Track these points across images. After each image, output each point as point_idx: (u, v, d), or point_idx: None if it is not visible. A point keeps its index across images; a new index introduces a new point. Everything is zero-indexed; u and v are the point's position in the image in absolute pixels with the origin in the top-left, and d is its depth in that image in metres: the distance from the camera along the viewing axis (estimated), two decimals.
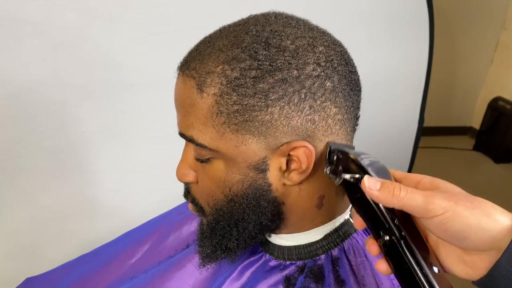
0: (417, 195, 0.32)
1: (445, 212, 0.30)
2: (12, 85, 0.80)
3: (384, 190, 0.33)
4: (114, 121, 0.93)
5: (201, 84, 0.38)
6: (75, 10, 0.81)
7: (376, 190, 0.33)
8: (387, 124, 1.40)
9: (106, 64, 0.88)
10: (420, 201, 0.31)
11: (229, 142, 0.38)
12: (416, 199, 0.31)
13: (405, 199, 0.32)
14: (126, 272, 0.63)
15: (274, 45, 0.37)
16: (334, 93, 0.38)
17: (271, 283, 0.46)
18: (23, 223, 0.92)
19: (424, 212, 0.31)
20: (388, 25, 1.24)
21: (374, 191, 0.33)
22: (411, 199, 0.32)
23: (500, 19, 2.64)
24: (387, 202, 0.33)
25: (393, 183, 0.33)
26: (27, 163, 0.87)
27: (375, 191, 0.33)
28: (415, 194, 0.32)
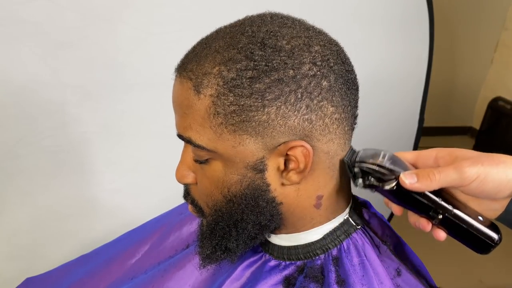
0: (450, 171, 0.36)
1: (478, 176, 0.35)
2: (12, 85, 0.80)
3: (422, 179, 0.37)
4: (114, 121, 0.93)
5: (198, 85, 0.38)
6: (75, 10, 0.80)
7: (415, 182, 0.37)
8: (387, 124, 1.40)
9: (106, 64, 0.88)
10: (455, 175, 0.36)
11: (227, 142, 0.39)
12: (451, 174, 0.36)
13: (441, 179, 0.36)
14: (126, 272, 0.63)
15: (270, 45, 0.37)
16: (330, 92, 0.38)
17: (271, 283, 0.46)
18: (23, 223, 0.92)
19: (461, 182, 0.36)
20: (388, 25, 1.24)
21: (415, 184, 0.37)
22: (446, 176, 0.36)
23: (500, 19, 2.64)
24: (429, 188, 0.37)
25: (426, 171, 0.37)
26: (27, 163, 0.87)
27: (416, 184, 0.37)
28: (447, 171, 0.36)
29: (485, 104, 2.71)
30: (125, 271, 0.64)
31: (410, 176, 0.38)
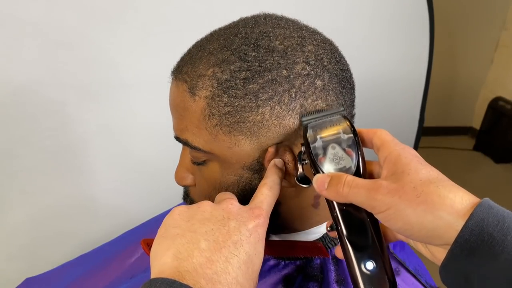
0: (361, 191, 0.30)
1: (388, 209, 0.29)
2: (12, 85, 0.80)
3: (331, 187, 0.32)
4: (114, 121, 0.93)
5: (193, 87, 0.38)
6: (75, 10, 0.81)
7: (324, 189, 0.32)
8: (387, 124, 1.40)
9: (106, 64, 0.88)
10: (364, 197, 0.30)
11: (222, 143, 0.39)
12: (360, 195, 0.30)
13: (349, 196, 0.31)
14: (125, 271, 0.63)
15: (263, 46, 0.37)
16: (324, 91, 0.38)
17: (271, 283, 0.46)
18: (23, 223, 0.92)
19: (369, 208, 0.30)
20: (388, 25, 1.24)
21: (323, 190, 0.32)
22: (354, 195, 0.31)
23: (500, 19, 2.64)
24: (335, 199, 0.32)
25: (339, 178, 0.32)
26: (27, 163, 0.87)
27: (324, 191, 0.32)
28: (358, 189, 0.31)
29: (485, 104, 2.71)
30: (124, 270, 0.64)
31: (323, 180, 0.33)
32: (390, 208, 0.29)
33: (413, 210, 0.28)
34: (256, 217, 0.34)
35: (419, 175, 0.30)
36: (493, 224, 0.26)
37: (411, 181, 0.29)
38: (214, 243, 0.31)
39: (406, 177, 0.30)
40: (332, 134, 0.35)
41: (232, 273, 0.31)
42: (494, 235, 0.26)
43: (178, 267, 0.30)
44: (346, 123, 0.36)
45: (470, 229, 0.26)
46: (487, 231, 0.26)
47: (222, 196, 0.37)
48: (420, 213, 0.28)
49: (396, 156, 0.32)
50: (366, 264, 0.31)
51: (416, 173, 0.30)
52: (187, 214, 0.34)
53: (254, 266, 0.33)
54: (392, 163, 0.32)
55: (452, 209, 0.27)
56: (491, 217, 0.26)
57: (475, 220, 0.26)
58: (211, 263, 0.30)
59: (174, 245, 0.31)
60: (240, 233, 0.32)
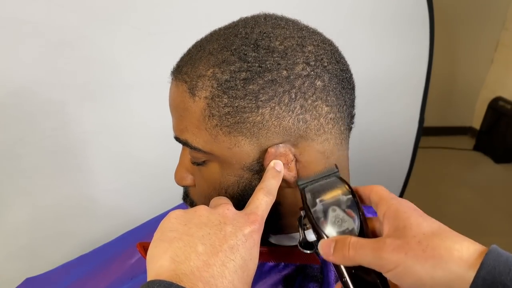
0: (367, 251, 0.30)
1: (396, 267, 0.29)
2: (12, 85, 0.80)
3: (337, 252, 0.32)
4: (114, 121, 0.93)
5: (192, 88, 0.38)
6: (75, 10, 0.81)
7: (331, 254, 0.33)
8: (387, 124, 1.40)
9: (106, 64, 0.88)
10: (371, 257, 0.30)
11: (222, 144, 0.39)
12: (366, 255, 0.30)
13: (356, 258, 0.31)
14: (126, 272, 0.63)
15: (263, 46, 0.37)
16: (325, 92, 0.38)
17: (270, 283, 0.46)
18: (23, 223, 0.92)
19: (378, 268, 0.30)
20: (388, 25, 1.24)
21: (330, 256, 0.33)
22: (361, 256, 0.31)
23: (500, 19, 2.64)
24: (343, 263, 0.32)
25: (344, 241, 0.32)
26: (27, 163, 0.87)
27: (330, 256, 0.33)
28: (364, 250, 0.31)
29: (485, 104, 2.71)
30: (125, 271, 0.64)
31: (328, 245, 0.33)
32: (398, 266, 0.29)
33: (421, 266, 0.28)
34: (252, 223, 0.34)
35: (422, 229, 0.30)
36: (505, 272, 0.26)
37: (414, 236, 0.29)
38: (211, 247, 0.32)
39: (408, 232, 0.30)
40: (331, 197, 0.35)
41: (229, 277, 0.31)
42: (506, 283, 0.26)
43: (176, 270, 0.30)
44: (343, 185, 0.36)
45: (482, 278, 0.26)
46: (500, 280, 0.26)
47: (218, 201, 0.37)
48: (429, 269, 0.28)
49: (394, 211, 0.32)
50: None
51: (418, 226, 0.30)
52: (184, 218, 0.34)
53: (249, 271, 0.33)
54: (392, 219, 0.32)
55: (461, 261, 0.27)
56: (502, 265, 0.26)
57: (486, 270, 0.26)
58: (208, 266, 0.31)
59: (171, 248, 0.31)
60: (236, 238, 0.33)
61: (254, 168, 0.40)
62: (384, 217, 0.32)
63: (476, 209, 2.09)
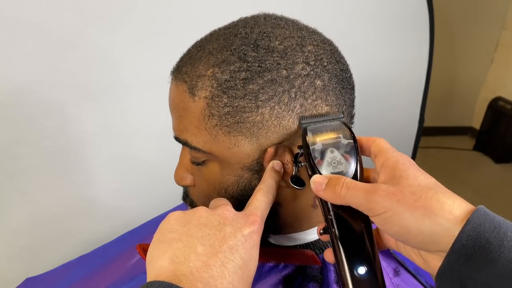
0: (359, 192, 0.30)
1: (385, 212, 0.29)
2: (12, 85, 0.80)
3: (328, 188, 0.32)
4: (114, 121, 0.93)
5: (192, 87, 0.38)
6: (75, 10, 0.81)
7: (321, 190, 0.32)
8: (387, 124, 1.40)
9: (106, 64, 0.88)
10: (362, 199, 0.30)
11: (222, 144, 0.39)
12: (358, 196, 0.30)
13: (347, 197, 0.31)
14: (126, 272, 0.63)
15: (263, 46, 0.37)
16: (324, 91, 0.38)
17: (270, 283, 0.46)
18: (23, 223, 0.92)
19: (366, 210, 0.30)
20: (388, 25, 1.24)
21: (320, 190, 0.32)
22: (352, 196, 0.30)
23: (500, 19, 2.64)
24: (331, 200, 0.32)
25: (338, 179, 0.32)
26: (27, 163, 0.87)
27: (320, 191, 0.32)
28: (356, 191, 0.30)
29: (485, 104, 2.71)
30: (125, 271, 0.64)
31: (321, 180, 0.32)
32: (387, 211, 0.29)
33: (411, 213, 0.28)
34: (251, 224, 0.34)
35: (417, 181, 0.30)
36: (490, 229, 0.26)
37: (409, 186, 0.29)
38: (210, 248, 0.32)
39: (404, 181, 0.30)
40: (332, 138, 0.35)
41: (228, 278, 0.31)
42: (491, 240, 0.26)
43: (175, 271, 0.30)
44: (346, 129, 0.36)
45: (467, 234, 0.26)
46: (484, 236, 0.26)
47: (217, 202, 0.37)
48: (418, 217, 0.28)
49: (394, 162, 0.32)
50: (358, 269, 0.30)
51: (415, 178, 0.30)
52: (183, 219, 0.34)
53: (249, 272, 0.33)
54: (390, 168, 0.32)
55: (450, 215, 0.27)
56: (488, 222, 0.26)
57: (471, 226, 0.26)
58: (208, 267, 0.31)
59: (170, 249, 0.31)
60: (235, 238, 0.33)
61: (254, 168, 0.40)
62: (382, 167, 0.32)
63: None
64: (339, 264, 0.31)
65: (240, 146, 0.38)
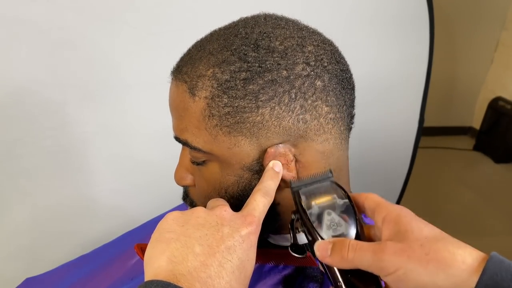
0: (366, 253, 0.29)
1: (397, 270, 0.28)
2: (12, 85, 0.80)
3: (334, 254, 0.31)
4: (114, 121, 0.93)
5: (192, 87, 0.38)
6: (75, 10, 0.81)
7: (327, 256, 0.31)
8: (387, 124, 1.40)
9: (106, 64, 0.88)
10: (370, 260, 0.29)
11: (222, 144, 0.39)
12: (366, 257, 0.29)
13: (355, 260, 0.30)
14: (126, 272, 0.63)
15: (263, 46, 0.37)
16: (325, 92, 0.38)
17: (270, 284, 0.46)
18: (23, 223, 0.92)
19: (377, 271, 0.29)
20: (388, 25, 1.24)
21: (326, 258, 0.31)
22: (360, 258, 0.30)
23: (500, 19, 2.64)
24: (340, 266, 0.31)
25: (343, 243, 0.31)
26: (27, 163, 0.87)
27: (327, 258, 0.31)
28: (363, 252, 0.30)
29: (485, 104, 2.71)
30: (125, 271, 0.64)
31: (325, 246, 0.32)
32: (399, 269, 0.28)
33: (424, 268, 0.27)
34: (249, 224, 0.34)
35: (424, 233, 0.29)
36: (507, 278, 0.26)
37: (417, 239, 0.29)
38: (208, 248, 0.32)
39: (410, 235, 0.29)
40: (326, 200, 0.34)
41: (226, 278, 0.31)
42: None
43: (173, 270, 0.30)
44: (338, 188, 0.35)
45: (484, 284, 0.26)
46: (502, 286, 0.25)
47: (215, 202, 0.37)
48: (432, 271, 0.27)
49: (396, 216, 0.31)
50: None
51: (420, 231, 0.29)
52: (181, 219, 0.34)
53: (246, 272, 0.33)
54: (392, 223, 0.31)
55: (464, 265, 0.27)
56: (504, 271, 0.26)
57: (488, 275, 0.26)
58: (206, 267, 0.31)
59: (168, 249, 0.31)
60: (233, 239, 0.33)
61: (254, 168, 0.40)
62: (384, 222, 0.32)
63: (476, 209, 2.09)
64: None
65: (240, 146, 0.38)
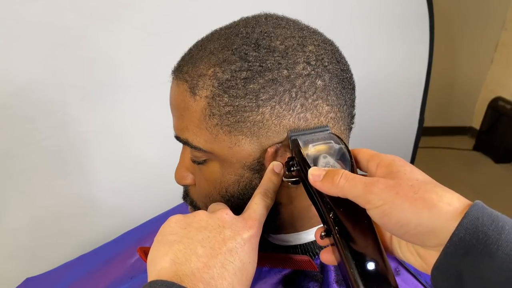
0: (358, 183, 0.30)
1: (384, 204, 0.28)
2: (12, 85, 0.80)
3: (326, 179, 0.31)
4: (114, 121, 0.93)
5: (193, 87, 0.38)
6: (74, 10, 0.81)
7: (319, 180, 0.32)
8: (387, 124, 1.40)
9: (106, 64, 0.88)
10: (360, 190, 0.29)
11: (223, 143, 0.39)
12: (357, 187, 0.30)
13: (345, 187, 0.30)
14: (126, 271, 0.63)
15: (264, 46, 0.37)
16: (325, 91, 0.38)
17: (271, 283, 0.46)
18: (23, 223, 0.92)
19: (364, 202, 0.30)
20: (388, 25, 1.24)
21: (317, 182, 0.32)
22: (351, 187, 0.30)
23: (500, 19, 2.64)
24: (328, 191, 0.31)
25: (337, 171, 0.31)
26: (27, 163, 0.87)
27: (317, 182, 0.32)
28: (355, 182, 0.30)
29: (485, 104, 2.71)
30: (125, 270, 0.64)
31: (318, 172, 0.32)
32: (386, 203, 0.28)
33: (410, 204, 0.27)
34: (250, 227, 0.35)
35: (415, 175, 0.30)
36: (488, 223, 0.26)
37: (408, 179, 0.29)
38: (210, 250, 0.32)
39: (402, 175, 0.30)
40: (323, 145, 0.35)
41: (228, 279, 0.31)
42: (488, 233, 0.25)
43: (177, 271, 0.30)
44: (335, 137, 0.36)
45: (465, 227, 0.26)
46: (482, 230, 0.26)
47: (216, 206, 0.38)
48: (417, 209, 0.27)
49: (390, 161, 0.32)
50: (367, 265, 0.30)
51: (412, 173, 0.30)
52: (183, 222, 0.34)
53: (248, 274, 0.34)
54: (386, 166, 0.32)
55: (449, 207, 0.27)
56: (486, 216, 0.26)
57: (469, 219, 0.26)
58: (208, 268, 0.31)
59: (171, 250, 0.32)
60: (235, 241, 0.33)
61: (254, 167, 0.40)
62: (378, 167, 0.32)
63: None
64: (346, 264, 0.30)
65: (241, 145, 0.38)
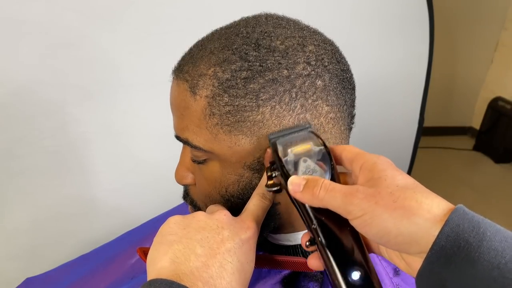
0: (337, 195, 0.29)
1: (364, 215, 0.28)
2: (12, 85, 0.80)
3: (306, 190, 0.31)
4: (114, 121, 0.93)
5: (193, 86, 0.38)
6: (75, 10, 0.81)
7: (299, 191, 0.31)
8: (387, 124, 1.40)
9: (106, 64, 0.88)
10: (340, 202, 0.29)
11: (223, 143, 0.39)
12: (337, 199, 0.29)
13: (325, 199, 0.30)
14: (126, 272, 0.63)
15: (264, 45, 0.37)
16: (325, 91, 0.38)
17: (271, 283, 0.46)
18: (23, 223, 0.92)
19: (344, 213, 0.29)
20: (388, 25, 1.24)
21: (297, 193, 0.31)
22: (331, 197, 0.30)
23: (500, 19, 2.64)
24: (309, 202, 0.31)
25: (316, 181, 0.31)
26: (27, 163, 0.87)
27: (298, 193, 0.31)
28: (335, 193, 0.30)
29: (485, 104, 2.71)
30: (125, 270, 0.64)
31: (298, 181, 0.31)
32: (366, 213, 0.28)
33: (389, 214, 0.27)
34: (247, 229, 0.35)
35: (396, 181, 0.29)
36: (469, 229, 0.25)
37: (387, 187, 0.29)
38: (209, 249, 0.33)
39: (383, 182, 0.29)
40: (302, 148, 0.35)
41: (227, 278, 0.32)
42: (470, 240, 0.25)
43: (176, 270, 0.31)
44: (315, 137, 0.35)
45: (446, 235, 0.26)
46: (463, 237, 0.25)
47: (214, 208, 0.39)
48: (397, 218, 0.27)
49: (372, 164, 0.31)
50: (352, 275, 0.29)
51: (393, 178, 0.30)
52: (182, 223, 0.35)
53: (246, 274, 0.34)
54: (368, 170, 0.31)
55: (429, 214, 0.27)
56: (466, 222, 0.26)
57: (450, 226, 0.26)
58: (207, 267, 0.32)
59: (171, 250, 0.32)
60: (233, 241, 0.34)
61: (254, 167, 0.40)
62: (361, 169, 0.32)
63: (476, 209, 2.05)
64: (331, 274, 0.30)
65: (241, 145, 0.38)
